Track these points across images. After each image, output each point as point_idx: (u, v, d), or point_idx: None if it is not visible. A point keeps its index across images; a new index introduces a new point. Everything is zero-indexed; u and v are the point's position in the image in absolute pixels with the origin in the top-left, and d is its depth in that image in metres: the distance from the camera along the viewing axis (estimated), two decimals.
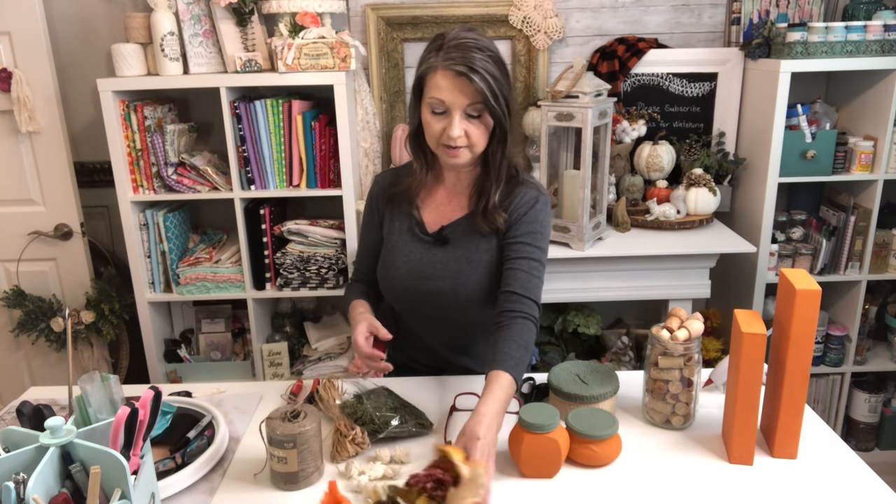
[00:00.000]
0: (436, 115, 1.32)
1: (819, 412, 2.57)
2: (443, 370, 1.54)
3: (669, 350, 1.21)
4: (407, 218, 1.48)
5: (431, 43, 1.34)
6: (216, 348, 2.49)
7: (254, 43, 2.23)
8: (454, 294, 1.43)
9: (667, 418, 1.27)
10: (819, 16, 2.42)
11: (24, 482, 0.82)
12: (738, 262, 2.44)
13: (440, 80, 1.29)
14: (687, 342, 1.21)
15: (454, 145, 1.32)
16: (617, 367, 2.43)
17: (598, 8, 2.48)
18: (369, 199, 1.56)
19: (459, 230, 1.45)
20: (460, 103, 1.29)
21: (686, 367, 1.21)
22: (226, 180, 2.26)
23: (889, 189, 2.35)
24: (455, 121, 1.30)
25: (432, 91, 1.30)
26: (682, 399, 1.24)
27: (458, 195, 1.48)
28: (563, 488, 1.12)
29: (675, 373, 1.22)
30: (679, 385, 1.23)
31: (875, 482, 1.13)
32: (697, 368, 1.22)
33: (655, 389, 1.25)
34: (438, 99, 1.30)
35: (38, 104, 2.28)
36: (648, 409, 1.29)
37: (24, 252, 2.41)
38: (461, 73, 1.27)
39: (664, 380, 1.23)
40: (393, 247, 1.48)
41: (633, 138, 2.45)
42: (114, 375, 1.00)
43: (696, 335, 1.21)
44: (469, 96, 1.29)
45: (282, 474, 1.12)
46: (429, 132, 1.35)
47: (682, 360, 1.21)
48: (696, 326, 1.22)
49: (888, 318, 2.55)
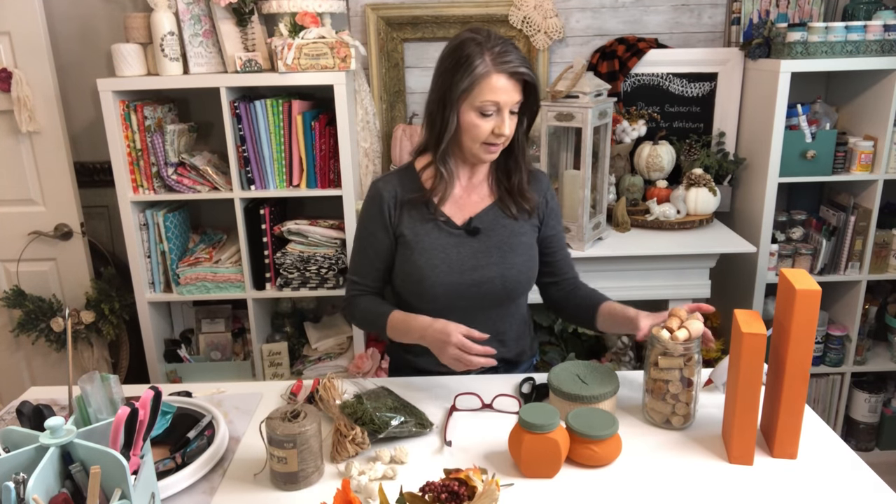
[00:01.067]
0: (485, 117, 1.36)
1: (819, 412, 2.57)
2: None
3: (669, 350, 1.21)
4: (429, 218, 1.46)
5: (465, 49, 1.33)
6: (216, 348, 2.49)
7: (254, 43, 2.23)
8: (502, 280, 1.46)
9: (667, 418, 1.27)
10: (819, 16, 2.42)
11: (24, 482, 0.82)
12: (738, 262, 2.44)
13: (496, 83, 1.32)
14: (687, 342, 1.21)
15: (500, 142, 1.39)
16: (617, 367, 2.43)
17: (598, 8, 2.48)
18: (374, 204, 1.48)
19: (488, 219, 1.48)
20: (512, 102, 1.36)
21: (686, 367, 1.21)
22: (226, 180, 2.26)
23: (889, 189, 2.35)
24: (506, 119, 1.36)
25: (486, 95, 1.33)
26: (683, 399, 1.24)
27: (476, 187, 1.50)
28: (563, 488, 1.12)
29: (675, 373, 1.22)
30: (679, 385, 1.23)
31: (875, 482, 1.13)
32: (697, 368, 1.22)
33: (655, 389, 1.25)
34: (493, 101, 1.33)
35: (38, 104, 2.28)
36: (648, 409, 1.29)
37: (24, 252, 2.41)
38: (517, 74, 1.33)
39: (664, 380, 1.23)
40: (423, 248, 1.45)
41: (633, 138, 2.45)
42: (114, 375, 1.00)
43: (695, 335, 1.21)
44: (520, 93, 1.36)
45: (282, 474, 1.12)
46: (474, 134, 1.37)
47: (682, 361, 1.21)
48: (695, 326, 1.22)
49: (888, 318, 2.55)
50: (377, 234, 1.48)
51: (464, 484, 1.01)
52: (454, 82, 1.33)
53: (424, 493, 1.01)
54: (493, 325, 1.51)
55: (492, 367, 1.56)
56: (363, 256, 1.52)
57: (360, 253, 1.52)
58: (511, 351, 1.57)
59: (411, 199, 1.46)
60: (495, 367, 1.57)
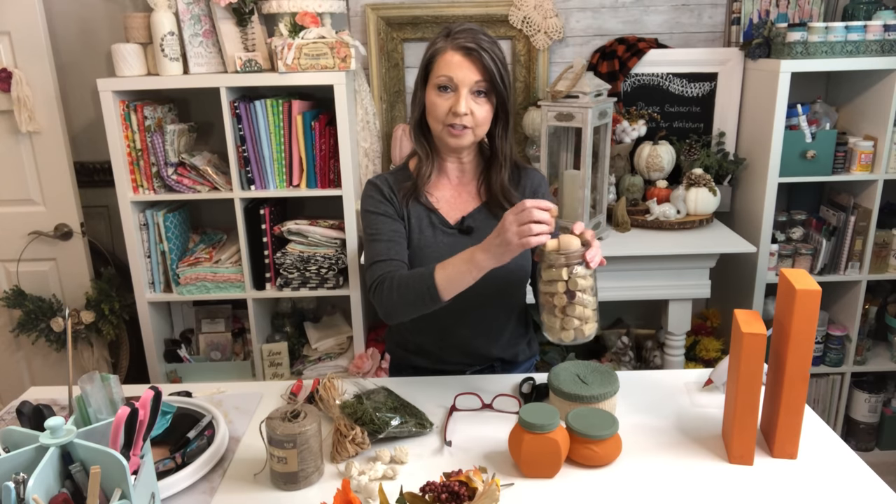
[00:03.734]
0: (442, 93, 1.37)
1: (819, 412, 2.57)
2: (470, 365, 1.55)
3: (550, 261, 1.21)
4: (425, 214, 1.48)
5: (437, 34, 1.41)
6: (216, 348, 2.49)
7: (254, 43, 2.23)
8: (496, 279, 1.42)
9: (559, 335, 1.25)
10: (819, 16, 2.42)
11: (24, 482, 0.82)
12: (738, 262, 2.44)
13: (450, 58, 1.35)
14: (560, 252, 1.19)
15: (460, 123, 1.37)
16: (617, 367, 2.43)
17: (598, 8, 2.48)
18: (375, 192, 1.47)
19: (480, 219, 1.48)
20: (468, 80, 1.35)
21: (570, 279, 1.21)
22: (226, 180, 2.26)
23: (889, 189, 2.35)
24: (462, 96, 1.35)
25: (441, 69, 1.36)
26: (569, 312, 1.23)
27: (466, 186, 1.51)
28: (563, 488, 1.12)
29: (558, 285, 1.21)
30: (564, 297, 1.22)
31: (875, 482, 1.13)
32: (582, 283, 1.21)
33: (545, 304, 1.26)
34: (447, 76, 1.35)
35: (38, 104, 2.28)
36: (545, 326, 1.27)
37: (24, 252, 2.41)
38: (471, 51, 1.34)
39: (550, 293, 1.23)
40: (419, 246, 1.46)
41: (633, 138, 2.45)
42: (114, 375, 1.00)
43: (565, 247, 1.20)
44: (477, 73, 1.35)
45: (282, 474, 1.12)
46: (435, 113, 1.38)
47: (564, 272, 1.20)
48: (566, 240, 1.21)
49: (888, 318, 2.55)
50: (388, 213, 1.45)
51: (464, 484, 1.01)
52: (421, 65, 1.40)
53: (424, 493, 1.02)
54: (489, 323, 1.52)
55: (489, 366, 1.57)
56: (380, 238, 1.43)
57: (377, 236, 1.44)
58: (507, 350, 1.57)
59: (405, 186, 1.48)
60: (493, 366, 1.57)
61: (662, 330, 2.32)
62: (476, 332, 1.51)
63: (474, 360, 1.55)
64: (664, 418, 1.32)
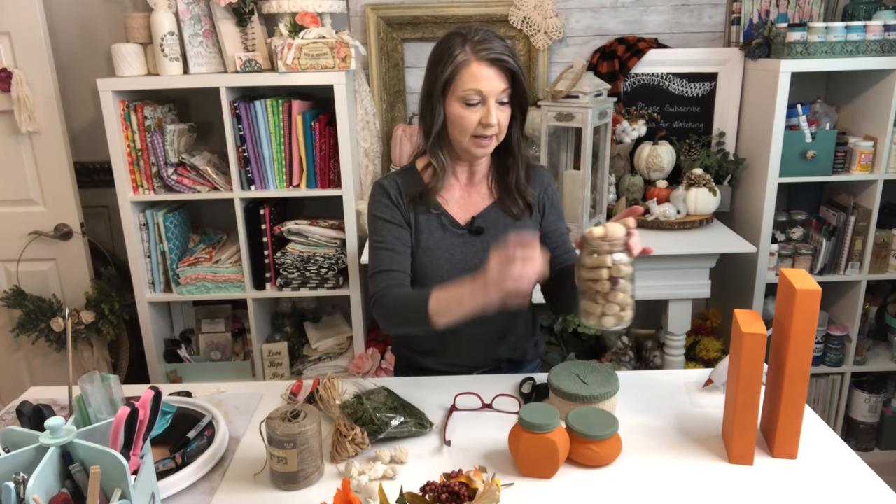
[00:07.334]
0: (470, 107, 1.35)
1: (819, 412, 2.57)
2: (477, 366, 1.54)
3: (594, 247, 1.21)
4: (434, 217, 1.46)
5: (448, 42, 1.35)
6: (216, 348, 2.49)
7: (254, 43, 2.23)
8: None
9: (599, 321, 1.25)
10: (819, 16, 2.42)
11: (24, 482, 0.82)
12: (738, 262, 2.44)
13: (476, 72, 1.32)
14: (606, 240, 1.19)
15: (489, 134, 1.36)
16: (617, 367, 2.43)
17: (598, 8, 2.48)
18: (383, 196, 1.45)
19: (491, 218, 1.47)
20: (496, 90, 1.34)
21: (614, 266, 1.21)
22: (226, 180, 2.26)
23: (889, 189, 2.35)
24: (491, 108, 1.34)
25: (468, 83, 1.33)
26: (612, 299, 1.23)
27: (476, 186, 1.50)
28: (563, 488, 1.12)
29: (602, 272, 1.21)
30: (607, 284, 1.22)
31: (875, 482, 1.13)
32: (625, 271, 1.21)
33: (586, 290, 1.25)
34: (476, 90, 1.33)
35: (38, 104, 2.28)
36: (582, 311, 1.27)
37: (24, 252, 2.41)
38: (497, 61, 1.32)
39: (593, 279, 1.23)
40: (427, 247, 1.45)
41: (633, 138, 2.45)
42: (114, 375, 1.00)
43: (612, 234, 1.20)
44: (503, 82, 1.34)
45: (282, 474, 1.12)
46: (461, 126, 1.36)
47: (607, 259, 1.20)
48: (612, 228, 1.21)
49: (888, 318, 2.55)
50: (395, 220, 1.45)
51: (464, 484, 1.01)
52: (438, 74, 1.35)
53: (424, 493, 1.02)
54: (499, 324, 1.51)
55: (496, 367, 1.57)
56: (386, 246, 1.44)
57: (381, 244, 1.44)
58: (517, 350, 1.57)
59: (413, 192, 1.46)
60: (499, 367, 1.57)
61: (662, 330, 2.32)
62: (484, 332, 1.51)
63: (482, 361, 1.55)
64: (664, 418, 1.32)
